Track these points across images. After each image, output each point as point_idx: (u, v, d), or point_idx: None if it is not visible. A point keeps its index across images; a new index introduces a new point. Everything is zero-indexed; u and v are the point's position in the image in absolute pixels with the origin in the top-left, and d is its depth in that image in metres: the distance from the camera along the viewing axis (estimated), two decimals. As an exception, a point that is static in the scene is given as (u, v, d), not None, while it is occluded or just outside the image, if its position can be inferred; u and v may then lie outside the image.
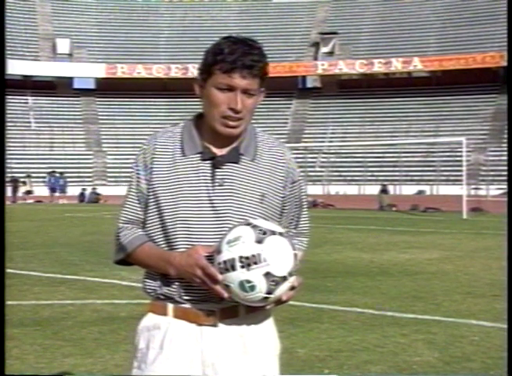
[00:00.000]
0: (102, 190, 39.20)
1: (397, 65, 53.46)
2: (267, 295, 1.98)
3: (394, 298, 7.71)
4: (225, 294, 2.00)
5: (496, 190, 36.73)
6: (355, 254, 11.98)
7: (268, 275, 1.95)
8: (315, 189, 37.40)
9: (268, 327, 2.22)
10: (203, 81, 2.14)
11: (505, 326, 5.78)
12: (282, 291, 2.00)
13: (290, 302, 6.65)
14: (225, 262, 1.97)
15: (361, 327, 6.26)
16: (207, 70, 2.12)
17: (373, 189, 33.99)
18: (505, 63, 46.51)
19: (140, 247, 2.18)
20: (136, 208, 2.21)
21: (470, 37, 53.03)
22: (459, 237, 15.35)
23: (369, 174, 44.77)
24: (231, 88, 2.08)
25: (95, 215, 24.04)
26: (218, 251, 1.99)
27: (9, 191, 35.07)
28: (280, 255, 1.98)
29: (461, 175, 26.55)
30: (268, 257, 1.95)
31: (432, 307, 7.21)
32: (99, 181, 46.34)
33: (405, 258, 11.53)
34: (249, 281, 1.95)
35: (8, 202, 29.48)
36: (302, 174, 2.36)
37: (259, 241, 1.96)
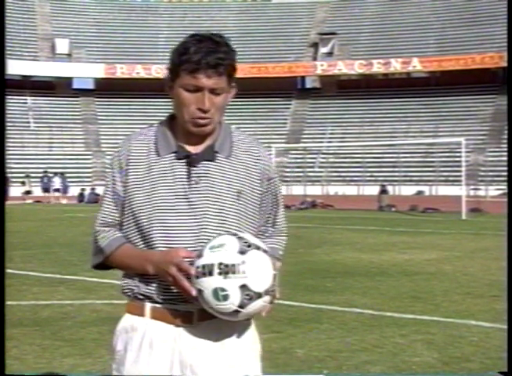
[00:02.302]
0: (101, 190, 39.07)
1: (396, 65, 53.47)
2: (238, 309, 1.93)
3: (394, 299, 7.71)
4: (193, 292, 1.97)
5: (495, 191, 36.71)
6: (354, 255, 11.98)
7: (244, 287, 1.91)
8: (314, 190, 37.38)
9: (248, 328, 2.18)
10: (171, 81, 2.14)
11: (504, 326, 5.78)
12: (253, 308, 1.95)
13: (289, 303, 6.64)
14: (203, 266, 1.94)
15: (360, 327, 6.27)
16: (173, 70, 2.12)
17: (372, 190, 34.00)
18: (504, 64, 46.55)
19: (119, 249, 2.17)
20: (113, 211, 2.21)
21: (470, 38, 53.05)
22: (458, 238, 15.35)
23: (369, 174, 44.77)
24: (198, 89, 2.07)
25: (95, 215, 23.99)
26: (199, 255, 1.97)
27: None
28: (260, 271, 1.94)
29: (460, 176, 26.53)
30: (248, 270, 1.92)
31: (431, 307, 7.22)
32: (98, 181, 46.28)
33: (404, 258, 11.53)
34: (223, 289, 1.91)
35: None
36: (301, 174, 2.37)
37: (242, 252, 1.94)
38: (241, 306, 1.93)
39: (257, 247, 1.97)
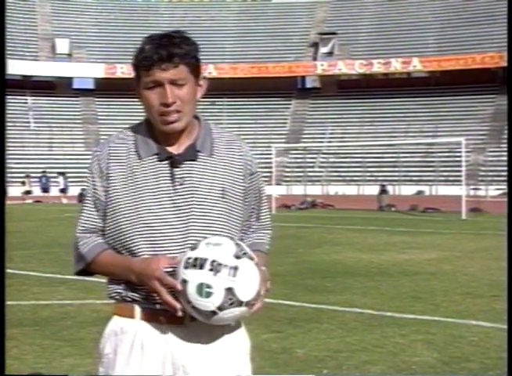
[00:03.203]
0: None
1: (396, 65, 53.49)
2: (216, 310, 1.91)
3: (394, 299, 7.71)
4: (178, 306, 1.96)
5: (495, 191, 36.70)
6: (354, 255, 11.98)
7: (229, 291, 1.90)
8: (314, 190, 37.36)
9: (238, 326, 2.18)
10: (137, 85, 2.12)
11: (504, 326, 5.79)
12: (230, 314, 1.93)
13: (289, 303, 6.64)
14: (196, 258, 1.92)
15: (360, 327, 6.27)
16: (135, 73, 2.11)
17: (372, 190, 33.99)
18: (504, 64, 46.54)
19: (101, 255, 2.13)
20: (94, 217, 2.17)
21: (469, 38, 53.05)
22: (458, 238, 15.34)
23: (369, 174, 44.78)
24: (158, 84, 2.05)
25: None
26: (193, 248, 1.96)
27: None
28: (249, 281, 1.94)
29: (460, 176, 26.53)
30: (238, 275, 1.91)
31: (431, 307, 7.22)
32: (98, 181, 46.28)
33: (404, 258, 11.53)
34: (209, 286, 1.89)
35: None
36: (301, 174, 2.36)
37: (237, 257, 1.93)
38: (220, 308, 1.91)
39: (251, 258, 1.97)
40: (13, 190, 39.46)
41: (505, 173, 33.13)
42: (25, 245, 13.20)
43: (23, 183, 40.73)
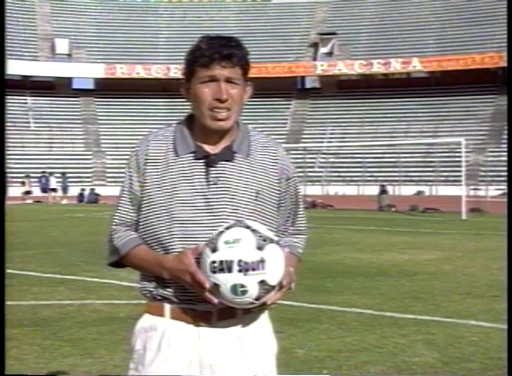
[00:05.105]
0: (101, 191, 39.19)
1: (396, 65, 53.46)
2: (253, 301, 1.98)
3: (394, 299, 7.71)
4: (215, 301, 1.99)
5: (495, 191, 36.68)
6: (354, 255, 11.99)
7: (262, 283, 1.95)
8: (314, 190, 37.35)
9: (265, 326, 2.21)
10: (187, 82, 2.15)
11: (504, 326, 5.79)
12: (268, 297, 2.01)
13: (289, 303, 6.65)
14: (221, 262, 1.95)
15: (360, 327, 6.27)
16: (189, 69, 2.14)
17: (372, 190, 33.96)
18: (504, 64, 46.54)
19: (134, 250, 2.17)
20: (129, 210, 2.21)
21: (469, 38, 53.04)
22: (458, 238, 15.34)
23: (368, 174, 44.76)
24: (213, 79, 2.09)
25: (95, 215, 24.02)
26: (213, 249, 1.97)
27: None
28: (276, 265, 1.98)
29: (460, 176, 26.53)
30: (267, 265, 1.95)
31: (431, 307, 7.22)
32: (98, 181, 46.32)
33: (404, 258, 11.54)
34: (243, 286, 1.94)
35: None
36: (301, 174, 2.38)
37: (260, 248, 1.96)
38: (257, 299, 1.98)
39: (272, 240, 2.00)
40: (13, 190, 39.44)
41: (505, 173, 33.10)
42: (25, 245, 13.19)
43: (23, 183, 40.74)
